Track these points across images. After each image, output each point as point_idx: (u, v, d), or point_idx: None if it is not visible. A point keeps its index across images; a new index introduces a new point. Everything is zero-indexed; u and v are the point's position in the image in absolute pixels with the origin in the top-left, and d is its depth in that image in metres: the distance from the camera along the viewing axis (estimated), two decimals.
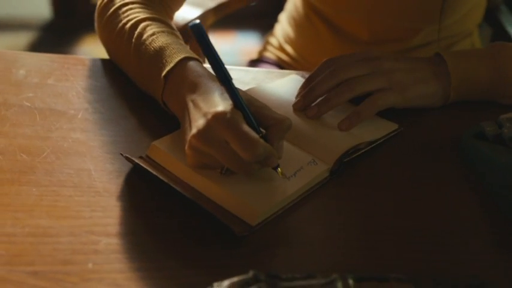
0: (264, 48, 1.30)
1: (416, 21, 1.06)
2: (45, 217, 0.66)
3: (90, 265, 0.61)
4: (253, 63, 1.29)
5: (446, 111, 0.85)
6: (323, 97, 0.80)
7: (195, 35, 0.64)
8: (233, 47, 2.53)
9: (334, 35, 1.13)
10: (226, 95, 0.68)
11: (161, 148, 0.73)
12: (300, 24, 1.19)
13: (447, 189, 0.73)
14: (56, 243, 0.63)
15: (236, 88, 0.67)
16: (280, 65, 1.24)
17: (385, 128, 0.79)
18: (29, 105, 0.82)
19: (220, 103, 0.66)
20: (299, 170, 0.71)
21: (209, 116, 0.65)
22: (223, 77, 0.67)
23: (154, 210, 0.68)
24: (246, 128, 0.64)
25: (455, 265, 0.63)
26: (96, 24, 0.91)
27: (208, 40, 0.65)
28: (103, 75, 0.90)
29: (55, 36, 2.81)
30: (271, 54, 1.27)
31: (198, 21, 0.65)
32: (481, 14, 1.15)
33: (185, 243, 0.64)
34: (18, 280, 0.59)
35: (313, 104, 0.80)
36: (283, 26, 1.26)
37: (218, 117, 0.64)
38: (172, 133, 0.75)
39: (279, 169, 0.69)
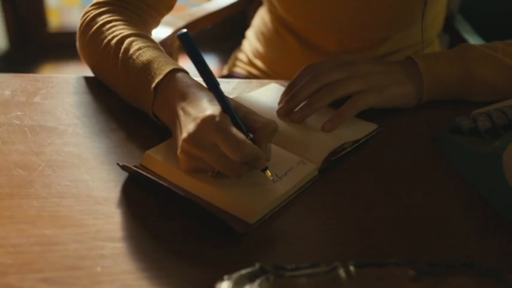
0: (233, 64, 1.34)
1: (385, 30, 1.11)
2: (49, 227, 0.67)
3: (98, 269, 0.62)
4: (224, 78, 1.32)
5: (421, 111, 0.90)
6: (305, 102, 0.84)
7: (184, 44, 0.68)
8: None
9: (303, 47, 1.17)
10: (215, 101, 0.71)
11: (155, 156, 0.75)
12: (269, 39, 1.23)
13: (430, 180, 0.77)
14: (63, 250, 0.64)
15: (224, 93, 0.70)
16: (251, 79, 1.28)
17: (366, 128, 0.84)
18: (19, 123, 0.84)
19: (209, 108, 0.69)
20: (289, 170, 0.75)
21: (198, 120, 0.68)
22: (211, 83, 0.70)
23: (154, 215, 0.70)
24: (234, 130, 0.67)
25: (446, 248, 0.67)
26: (78, 43, 0.93)
27: (196, 48, 0.68)
28: (87, 92, 0.92)
29: (11, 66, 2.80)
30: (240, 69, 1.31)
31: (185, 30, 0.68)
32: (442, 22, 1.22)
33: (187, 243, 0.66)
34: (31, 287, 0.60)
35: (296, 109, 0.84)
36: (251, 42, 1.29)
37: (207, 120, 0.67)
38: (164, 142, 0.78)
39: (267, 171, 0.72)
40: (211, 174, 0.72)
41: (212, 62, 2.63)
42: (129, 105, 0.87)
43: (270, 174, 0.72)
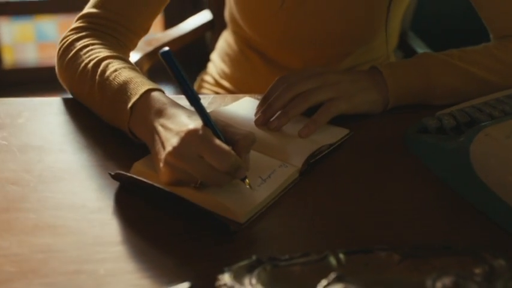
0: (200, 86, 1.39)
1: (347, 46, 1.17)
2: (48, 236, 0.70)
3: (101, 271, 0.65)
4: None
5: (388, 115, 0.96)
6: (281, 111, 0.89)
7: (166, 61, 0.72)
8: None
9: (269, 66, 1.23)
10: (193, 117, 0.75)
11: (143, 167, 0.79)
12: (234, 59, 1.28)
13: (402, 176, 0.83)
14: (65, 256, 0.67)
15: (204, 108, 0.74)
16: None
17: (339, 133, 0.89)
18: (6, 143, 0.86)
19: (191, 122, 0.74)
20: (272, 173, 0.79)
21: (182, 134, 0.72)
22: (192, 98, 0.74)
23: (148, 220, 0.73)
24: (218, 141, 0.71)
25: (422, 236, 0.72)
26: (57, 67, 0.96)
27: (177, 65, 0.73)
28: (68, 112, 0.95)
29: None
30: (207, 90, 1.35)
31: (167, 48, 0.72)
32: (397, 39, 1.29)
33: (183, 243, 0.70)
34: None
35: (272, 118, 0.89)
36: (216, 64, 1.34)
37: (191, 133, 0.71)
38: (149, 155, 0.81)
39: (246, 180, 0.75)
40: (193, 185, 0.75)
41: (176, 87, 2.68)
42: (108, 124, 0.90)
43: (248, 182, 0.75)
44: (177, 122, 0.75)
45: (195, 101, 0.74)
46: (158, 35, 1.42)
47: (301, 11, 1.09)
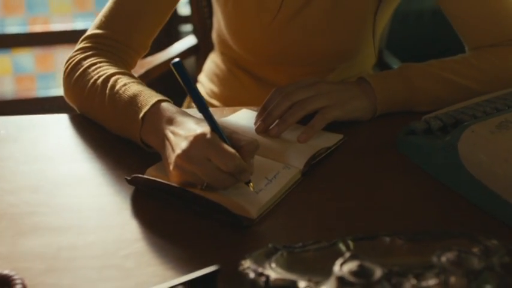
0: (188, 107, 1.44)
1: (333, 61, 1.23)
2: (73, 235, 0.75)
3: (127, 265, 0.70)
4: None
5: (377, 122, 1.03)
6: (280, 119, 0.95)
7: (177, 71, 0.78)
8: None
9: (257, 84, 1.29)
10: (201, 123, 0.81)
11: (156, 172, 0.84)
12: (223, 79, 1.34)
13: (396, 175, 0.90)
14: (91, 254, 0.72)
15: (212, 114, 0.80)
16: None
17: (334, 138, 0.95)
18: (21, 155, 0.91)
19: (199, 127, 0.80)
20: (277, 174, 0.85)
21: (191, 138, 0.78)
22: (201, 105, 0.80)
23: (165, 219, 0.78)
24: (224, 145, 0.77)
25: (417, 225, 0.78)
26: (64, 86, 1.02)
27: (187, 74, 0.79)
28: (75, 127, 1.00)
29: None
30: (196, 110, 1.41)
31: (178, 59, 0.79)
32: (375, 56, 1.37)
33: (201, 239, 0.75)
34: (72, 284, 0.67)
35: (272, 126, 0.95)
36: (204, 85, 1.40)
37: (200, 137, 0.77)
38: (161, 161, 0.87)
39: (250, 183, 0.81)
40: (200, 187, 0.80)
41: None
42: (112, 135, 0.95)
43: (252, 186, 0.81)
44: (186, 128, 0.81)
45: (203, 108, 0.80)
46: (149, 58, 1.48)
47: (290, 28, 1.16)
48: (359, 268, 0.61)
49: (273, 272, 0.65)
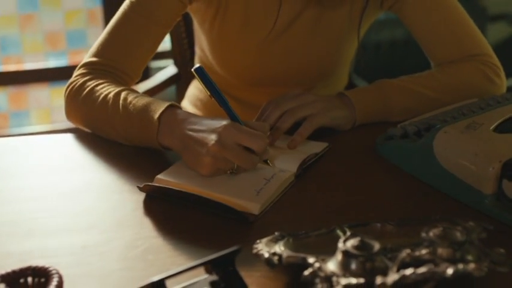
0: None
1: (312, 80, 1.34)
2: (96, 234, 0.82)
3: (149, 256, 0.78)
4: None
5: (356, 131, 1.13)
6: (273, 128, 1.05)
7: (198, 75, 0.94)
8: None
9: (240, 107, 1.37)
10: (215, 119, 0.94)
11: (165, 178, 0.93)
12: (207, 103, 1.43)
13: (377, 174, 1.01)
14: (113, 248, 0.80)
15: (231, 107, 0.96)
16: None
17: (321, 145, 1.05)
18: (33, 170, 0.99)
19: (221, 121, 0.93)
20: (274, 176, 0.94)
21: (220, 129, 0.91)
22: (222, 100, 0.96)
23: (177, 218, 0.87)
24: (250, 130, 0.92)
25: (400, 214, 0.89)
26: (68, 107, 1.10)
27: (209, 76, 0.95)
28: (80, 144, 1.08)
29: None
30: None
31: (199, 65, 0.94)
32: (347, 78, 1.48)
33: (212, 234, 0.84)
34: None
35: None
36: (189, 110, 1.49)
37: (227, 127, 0.91)
38: (171, 167, 0.96)
39: (268, 161, 0.96)
40: (229, 171, 0.93)
41: None
42: (122, 146, 1.04)
43: (270, 163, 0.97)
44: (205, 124, 0.93)
45: (224, 102, 0.97)
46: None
47: (274, 49, 1.26)
48: (360, 243, 0.71)
49: (284, 252, 0.74)
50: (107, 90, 1.05)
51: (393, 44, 2.88)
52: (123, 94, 1.03)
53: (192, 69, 0.93)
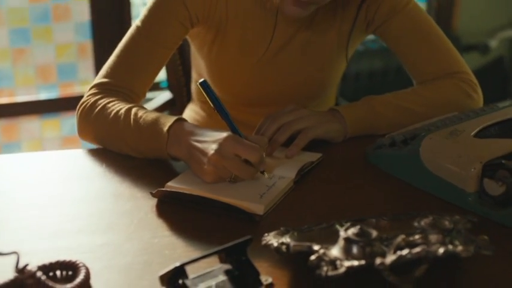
0: None
1: (303, 101, 1.43)
2: (115, 234, 0.90)
3: (166, 251, 0.86)
4: None
5: (348, 143, 1.22)
6: (272, 140, 1.14)
7: (203, 88, 1.02)
8: None
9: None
10: (218, 131, 1.02)
11: (176, 185, 1.00)
12: (204, 123, 1.51)
13: (369, 180, 1.09)
14: (133, 246, 0.87)
15: (233, 121, 1.03)
16: None
17: (315, 156, 1.14)
18: (51, 180, 1.06)
19: (222, 133, 1.00)
20: (275, 182, 1.03)
21: (221, 140, 0.98)
22: (223, 114, 1.04)
23: (188, 219, 0.94)
24: (248, 142, 0.99)
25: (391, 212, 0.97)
26: (81, 124, 1.18)
27: (213, 91, 1.03)
28: (90, 159, 1.15)
29: None
30: None
31: (204, 79, 1.02)
32: (334, 101, 1.58)
33: (222, 230, 0.91)
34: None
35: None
36: None
37: (227, 139, 0.99)
38: (180, 175, 1.04)
39: (265, 172, 1.03)
40: (228, 180, 1.00)
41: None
42: (132, 159, 1.12)
43: (267, 174, 1.03)
44: (208, 136, 1.01)
45: (225, 115, 1.04)
46: None
47: (270, 69, 1.35)
48: (360, 231, 0.79)
49: (291, 242, 0.82)
50: (118, 107, 1.13)
51: (371, 74, 3.01)
52: (133, 110, 1.11)
53: (198, 83, 1.03)
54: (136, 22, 1.24)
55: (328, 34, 1.33)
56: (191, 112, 1.57)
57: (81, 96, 1.21)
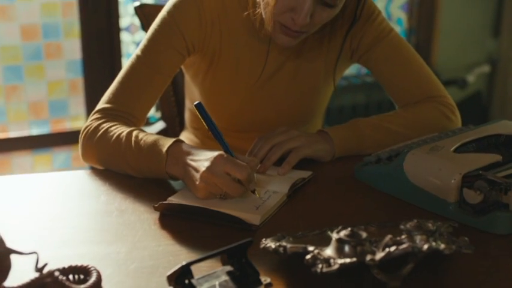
0: None
1: (294, 126, 1.50)
2: (122, 244, 0.96)
3: (170, 258, 0.92)
4: None
5: (336, 162, 1.30)
6: (264, 159, 1.21)
7: (198, 109, 1.09)
8: None
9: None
10: (212, 151, 1.08)
11: (176, 200, 1.07)
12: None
13: (357, 194, 1.16)
14: (142, 254, 0.93)
15: (226, 142, 1.09)
16: None
17: (306, 173, 1.21)
18: (60, 198, 1.12)
19: (215, 152, 1.07)
20: (270, 196, 1.10)
21: (213, 158, 1.05)
22: (217, 135, 1.10)
23: (189, 229, 1.01)
24: (238, 161, 1.05)
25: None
26: (84, 147, 1.25)
27: (207, 112, 1.09)
28: (95, 178, 1.21)
29: None
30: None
31: (199, 101, 1.08)
32: (322, 126, 1.66)
33: (222, 239, 0.96)
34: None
35: (259, 166, 1.20)
36: None
37: (219, 157, 1.05)
38: (177, 192, 1.11)
39: (256, 191, 1.08)
40: (219, 197, 1.07)
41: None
42: (133, 179, 1.19)
43: (258, 193, 1.08)
44: (203, 155, 1.08)
45: (219, 136, 1.10)
46: None
47: (260, 95, 1.43)
48: (351, 232, 0.86)
49: (287, 244, 0.89)
50: (119, 130, 1.20)
51: (354, 107, 3.11)
52: (134, 133, 1.18)
53: (194, 104, 1.10)
54: (136, 51, 1.32)
55: (316, 62, 1.41)
56: (184, 139, 1.64)
57: (73, 132, 1.29)
